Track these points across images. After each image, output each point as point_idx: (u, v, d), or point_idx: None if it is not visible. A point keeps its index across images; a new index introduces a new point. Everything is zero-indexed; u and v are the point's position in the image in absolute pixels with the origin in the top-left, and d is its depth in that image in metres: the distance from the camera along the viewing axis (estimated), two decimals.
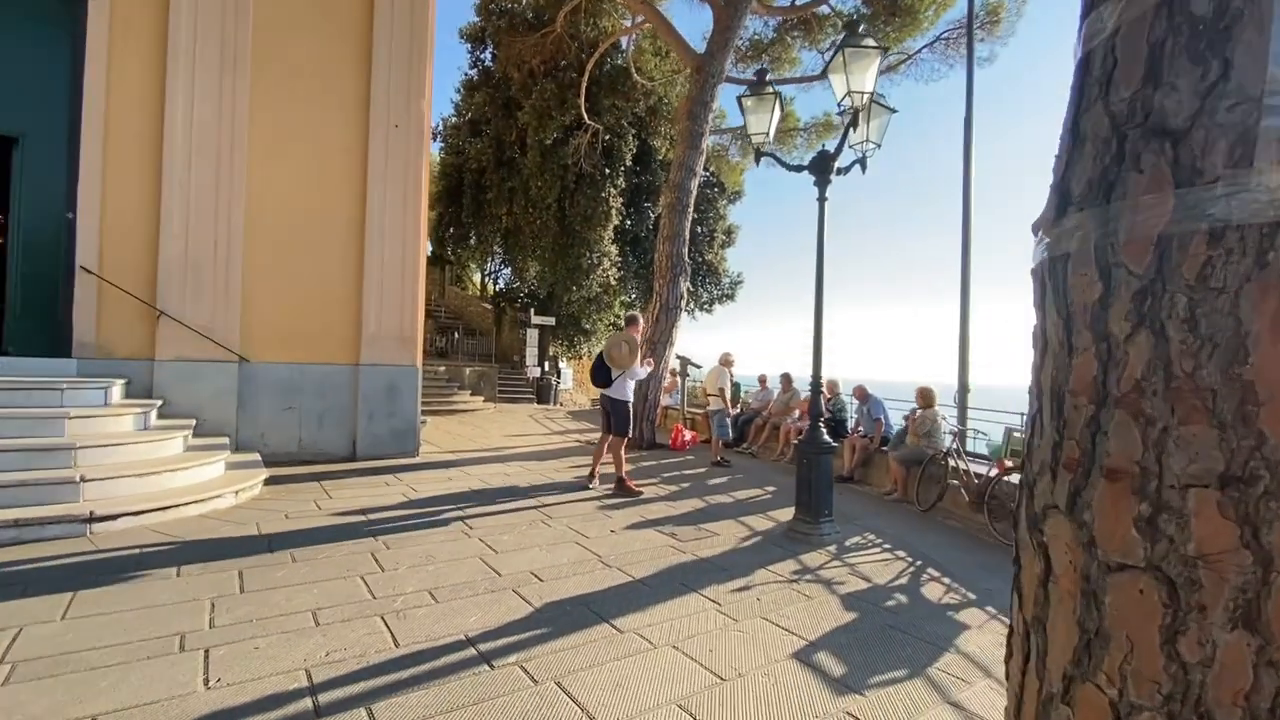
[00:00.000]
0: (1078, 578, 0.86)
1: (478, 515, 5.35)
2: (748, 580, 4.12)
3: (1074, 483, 0.86)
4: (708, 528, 5.34)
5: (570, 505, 5.88)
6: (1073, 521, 0.87)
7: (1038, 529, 0.95)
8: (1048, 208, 0.94)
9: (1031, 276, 1.00)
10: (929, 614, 3.76)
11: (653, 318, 9.92)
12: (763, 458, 9.31)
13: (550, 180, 15.77)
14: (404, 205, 8.10)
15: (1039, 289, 0.96)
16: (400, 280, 8.08)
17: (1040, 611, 0.95)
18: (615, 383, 6.46)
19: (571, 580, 3.93)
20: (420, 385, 8.35)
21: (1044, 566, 0.93)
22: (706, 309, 21.74)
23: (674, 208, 9.93)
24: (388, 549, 4.37)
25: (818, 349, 5.29)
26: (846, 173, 5.50)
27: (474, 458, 8.33)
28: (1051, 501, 0.91)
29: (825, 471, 5.20)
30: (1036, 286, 0.97)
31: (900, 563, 4.71)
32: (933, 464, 6.55)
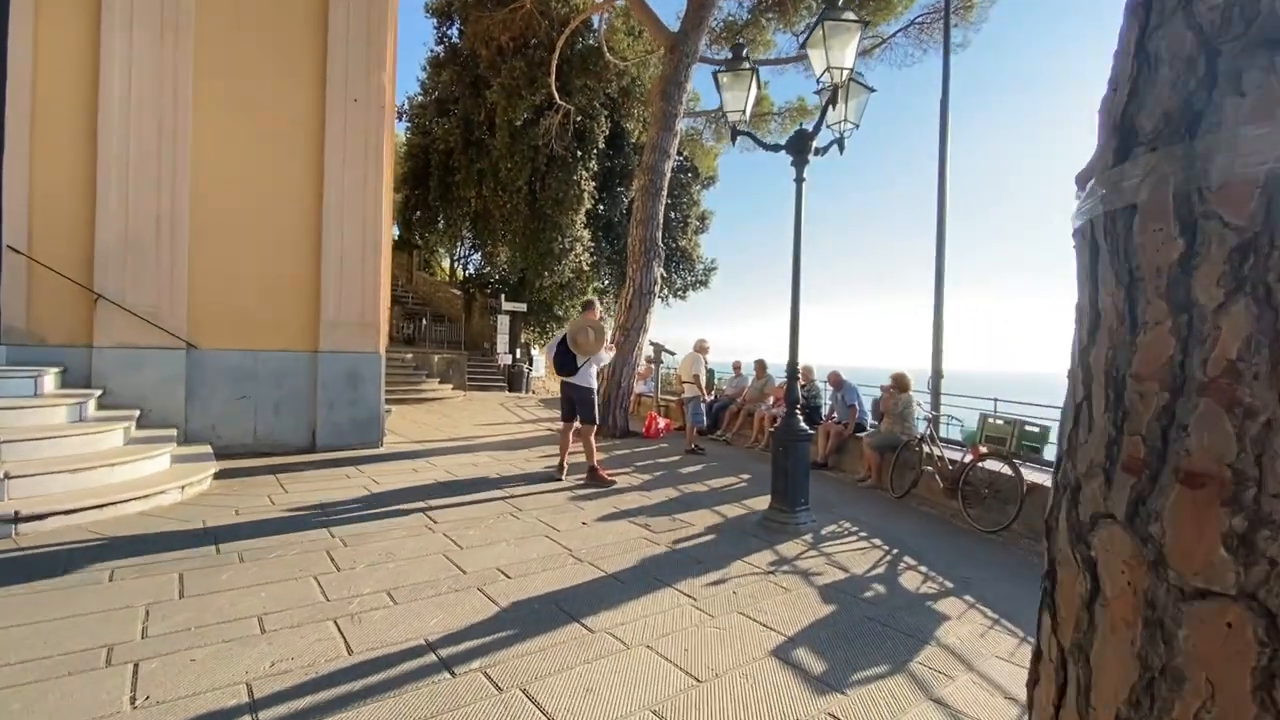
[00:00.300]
0: (1138, 603, 0.71)
1: (443, 508, 5.12)
2: (724, 573, 3.99)
3: (1137, 488, 0.70)
4: (682, 518, 5.20)
5: (541, 496, 5.68)
6: (1133, 535, 0.71)
7: (1082, 541, 0.79)
8: (1101, 152, 0.77)
9: (1075, 239, 0.83)
10: (907, 604, 3.68)
11: (626, 303, 9.72)
12: (737, 445, 9.23)
13: (520, 162, 15.34)
14: (364, 184, 7.72)
15: (1087, 252, 0.80)
16: (361, 263, 7.72)
17: (1083, 638, 0.80)
18: (581, 370, 6.26)
19: (540, 577, 3.74)
20: (384, 373, 8.02)
21: (1090, 586, 0.78)
22: (680, 295, 21.58)
23: (647, 190, 9.70)
24: (345, 546, 4.12)
25: (794, 335, 5.16)
26: (824, 153, 5.35)
27: (441, 448, 8.06)
28: (1104, 509, 0.75)
29: (802, 459, 5.10)
30: (1083, 250, 0.81)
31: (877, 551, 4.64)
32: (907, 450, 6.52)
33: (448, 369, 15.40)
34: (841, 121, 5.34)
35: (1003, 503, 5.24)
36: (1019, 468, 5.14)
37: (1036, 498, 5.01)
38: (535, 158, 15.47)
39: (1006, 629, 3.41)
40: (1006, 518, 5.11)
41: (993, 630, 3.38)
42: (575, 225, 16.22)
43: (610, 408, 9.55)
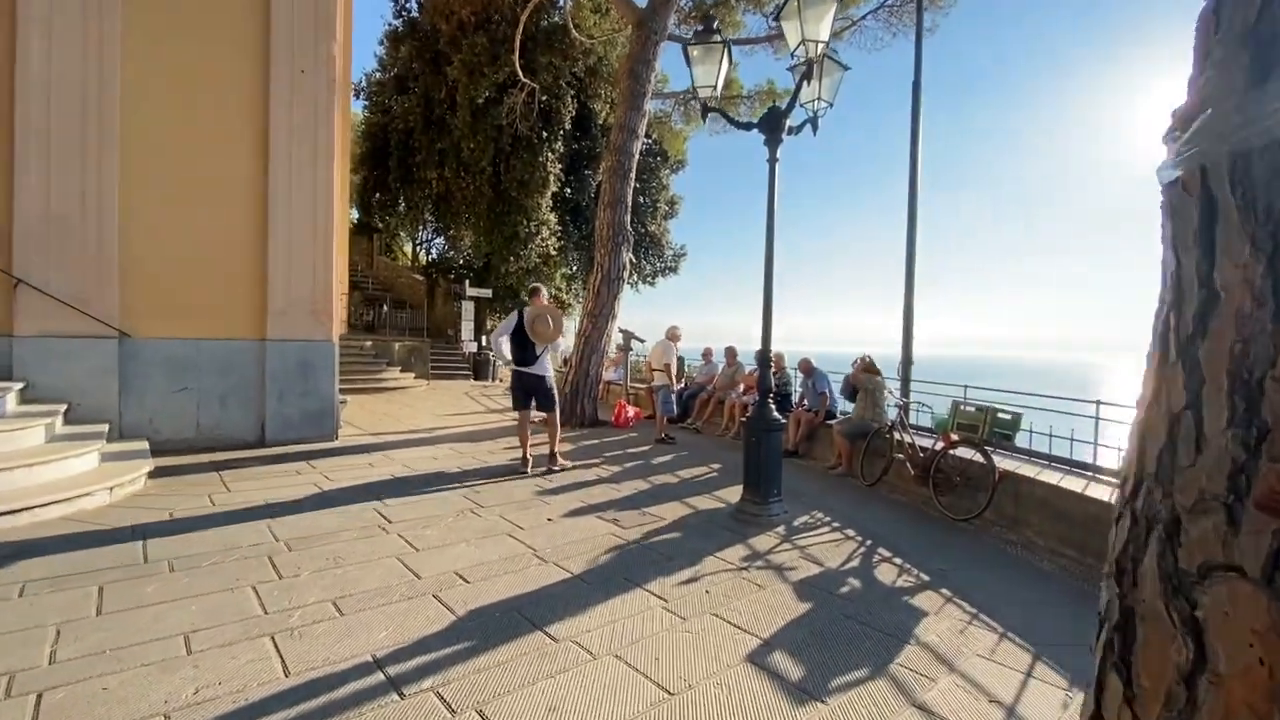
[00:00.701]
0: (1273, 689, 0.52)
1: (399, 506, 4.83)
2: (695, 570, 3.82)
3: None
4: (652, 511, 5.02)
5: (504, 491, 5.43)
6: (1272, 598, 0.52)
7: (1183, 595, 0.60)
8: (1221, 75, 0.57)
9: (1167, 195, 0.63)
10: (884, 600, 3.57)
11: (594, 289, 9.45)
12: (707, 433, 9.10)
13: (483, 142, 14.81)
14: (314, 162, 7.25)
15: (1194, 211, 0.60)
16: (312, 245, 7.27)
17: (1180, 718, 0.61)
18: (540, 359, 6.07)
19: (502, 580, 3.51)
20: (337, 362, 7.62)
21: (1193, 654, 0.59)
22: (649, 282, 21.34)
23: (615, 172, 9.41)
24: (289, 551, 3.82)
25: (767, 321, 4.99)
26: (798, 132, 5.16)
27: (400, 440, 7.71)
28: (1223, 558, 0.56)
29: (774, 450, 4.95)
30: (1185, 208, 0.61)
31: (851, 543, 4.54)
32: (877, 438, 6.45)
33: (410, 357, 14.91)
34: (815, 100, 5.15)
35: (974, 490, 5.20)
36: (991, 455, 5.09)
37: (1008, 485, 4.97)
38: (499, 138, 14.95)
39: (985, 624, 3.32)
40: (978, 505, 5.07)
41: (972, 626, 3.29)
42: (541, 209, 15.78)
43: (578, 396, 9.31)
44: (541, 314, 6.03)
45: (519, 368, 6.14)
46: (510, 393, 6.32)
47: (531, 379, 6.12)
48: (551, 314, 6.09)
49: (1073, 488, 4.57)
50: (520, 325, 6.06)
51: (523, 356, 6.06)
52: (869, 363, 6.91)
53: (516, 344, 6.07)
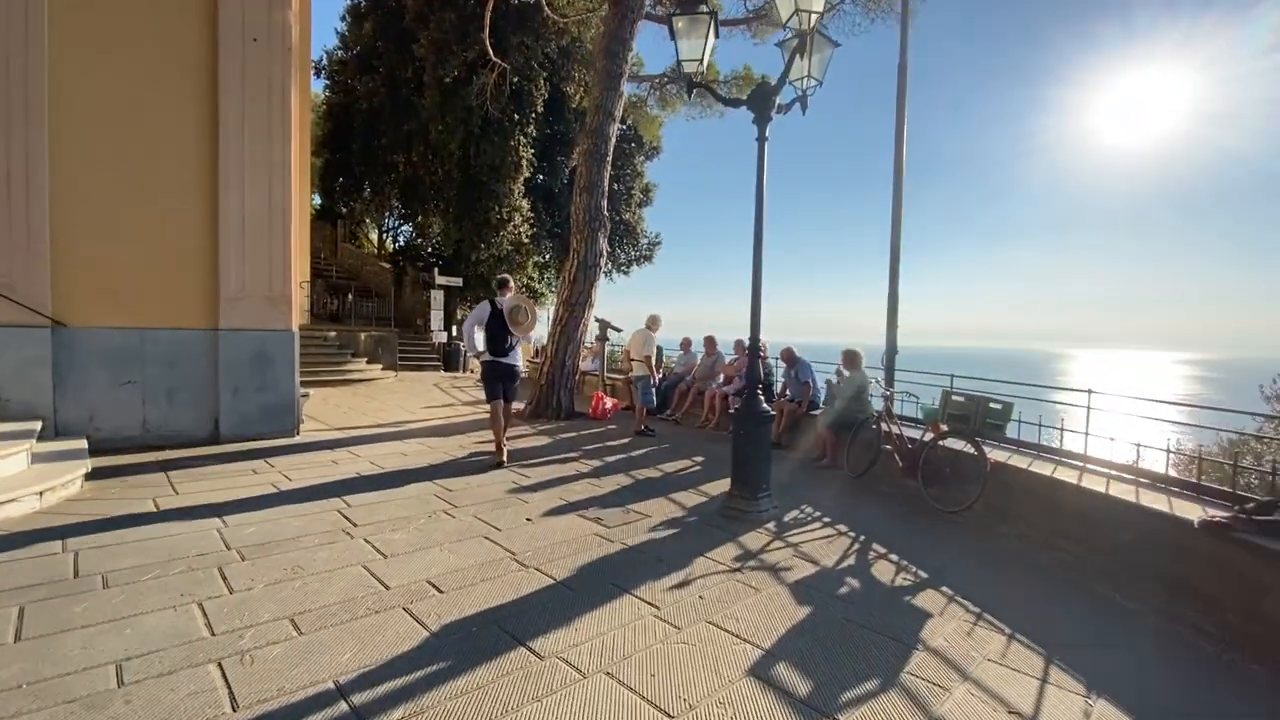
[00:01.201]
0: None
1: (365, 508, 4.50)
2: (687, 573, 3.60)
3: None
4: (637, 509, 4.78)
5: (479, 489, 5.13)
6: None
7: None
8: None
9: None
10: (885, 601, 3.40)
11: (570, 277, 9.13)
12: (687, 425, 8.89)
13: (453, 124, 14.24)
14: (270, 138, 6.76)
15: None
16: (268, 228, 6.80)
17: None
18: (514, 349, 6.11)
19: (479, 589, 3.24)
20: (298, 352, 7.18)
21: None
22: (623, 271, 21.03)
23: (591, 155, 9.07)
24: (242, 560, 3.47)
25: (755, 308, 4.78)
26: (787, 110, 4.93)
27: (366, 435, 7.32)
28: None
29: (764, 443, 4.76)
30: None
31: (844, 539, 4.37)
32: (864, 429, 6.32)
33: (376, 348, 14.36)
34: (805, 78, 4.92)
35: (964, 482, 5.09)
36: (982, 446, 4.98)
37: (999, 476, 4.87)
38: (469, 120, 14.40)
39: (991, 625, 3.18)
40: (968, 497, 4.96)
41: (978, 628, 3.14)
42: (514, 194, 15.30)
43: (554, 388, 9.01)
44: (520, 305, 6.04)
45: (495, 358, 6.04)
46: (483, 383, 6.27)
47: (507, 369, 6.09)
48: (528, 305, 6.12)
49: (1067, 479, 4.48)
50: (495, 315, 5.99)
51: (498, 347, 6.00)
52: (852, 354, 6.78)
53: (491, 334, 6.00)
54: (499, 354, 6.01)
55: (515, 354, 6.12)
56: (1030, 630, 3.12)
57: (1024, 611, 3.36)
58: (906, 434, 5.78)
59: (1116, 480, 4.48)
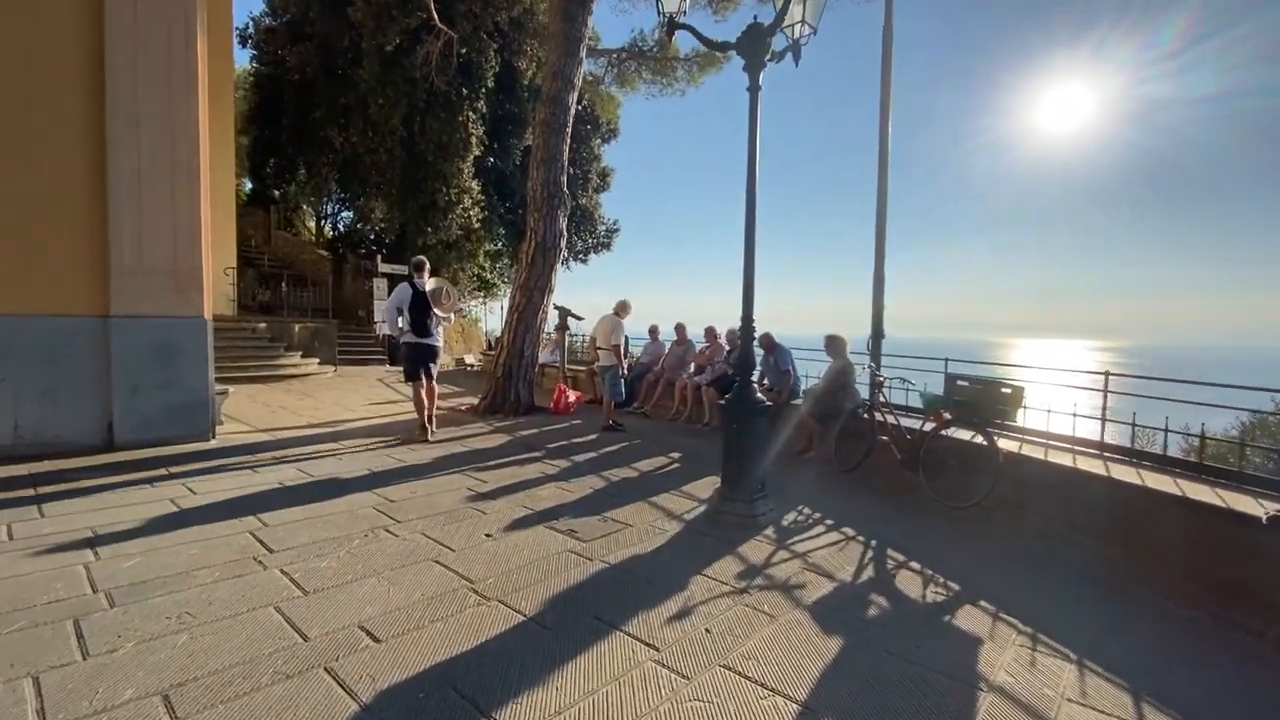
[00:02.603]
0: None
1: (286, 527, 3.69)
2: (685, 597, 2.97)
3: None
4: (615, 516, 4.13)
5: (427, 499, 4.37)
6: None
7: None
8: None
9: None
10: (924, 624, 2.87)
11: (527, 259, 8.35)
12: (657, 418, 8.28)
13: (394, 98, 13.11)
14: (169, 83, 5.75)
15: None
16: (170, 190, 5.79)
17: None
18: (437, 330, 6.37)
19: (427, 635, 2.53)
20: (211, 344, 6.20)
21: None
22: (582, 259, 20.22)
23: (549, 125, 8.30)
24: (110, 607, 2.65)
25: (749, 281, 4.17)
26: (780, 59, 4.33)
27: (297, 437, 6.41)
28: None
29: (759, 439, 4.17)
30: None
31: (854, 545, 3.84)
32: (853, 419, 5.85)
33: (313, 340, 13.18)
34: (800, 23, 4.33)
35: (971, 474, 4.65)
36: (993, 435, 4.54)
37: (1012, 469, 4.43)
38: (412, 93, 13.29)
39: (1051, 649, 2.67)
40: (975, 490, 4.51)
41: (1038, 654, 2.63)
42: (463, 175, 14.27)
43: (511, 381, 8.24)
44: (442, 285, 6.34)
45: (417, 339, 6.24)
46: (405, 365, 6.51)
47: (428, 349, 6.30)
48: (448, 287, 6.42)
49: (1092, 469, 4.07)
50: (417, 297, 6.17)
51: (421, 328, 6.20)
52: (835, 340, 6.29)
53: (414, 316, 6.16)
54: (422, 335, 6.20)
55: (438, 334, 6.36)
56: (1096, 654, 2.63)
57: (1076, 626, 2.89)
58: (903, 424, 5.32)
59: (1148, 470, 4.09)
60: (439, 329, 6.39)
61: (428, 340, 6.25)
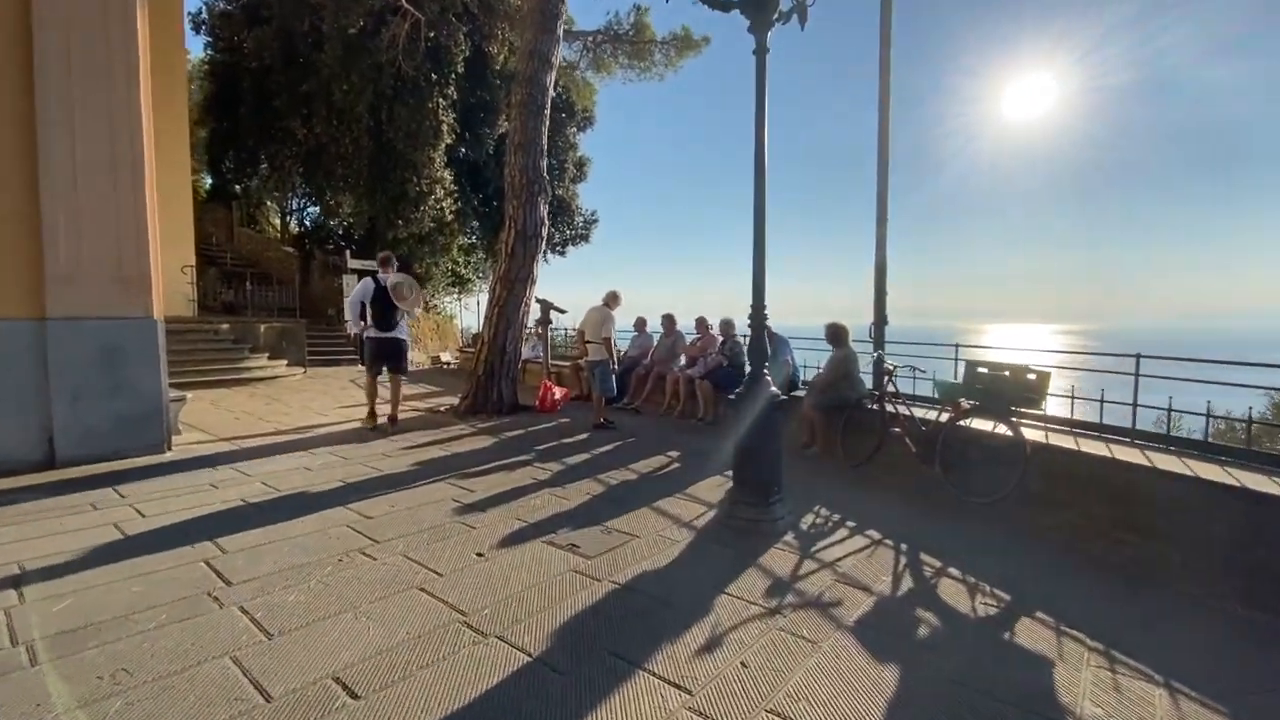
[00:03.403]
0: None
1: (247, 554, 3.25)
2: (711, 624, 2.61)
3: None
4: (619, 526, 3.75)
5: (409, 513, 3.95)
6: None
7: None
8: None
9: None
10: (983, 644, 2.55)
11: (507, 249, 7.89)
12: (649, 414, 7.91)
13: (359, 84, 12.45)
14: (109, 67, 5.20)
15: None
16: (113, 187, 5.24)
17: None
18: (400, 324, 6.33)
19: (416, 684, 2.13)
20: (163, 346, 5.65)
21: None
22: (560, 251, 19.71)
23: (526, 107, 7.82)
24: (33, 666, 2.20)
25: (759, 259, 3.81)
26: (786, 20, 3.96)
27: (262, 446, 5.90)
28: None
29: (776, 434, 3.83)
30: None
31: (884, 550, 3.52)
32: (859, 410, 5.54)
33: (280, 341, 12.53)
34: None
35: (994, 466, 4.36)
36: (1019, 425, 4.26)
37: (1040, 460, 4.15)
38: (378, 79, 12.64)
39: (1131, 669, 2.38)
40: (1000, 484, 4.23)
41: (1119, 676, 2.33)
42: (434, 164, 13.66)
43: (494, 379, 7.79)
44: (404, 279, 6.24)
45: (380, 333, 6.23)
46: (366, 359, 6.50)
47: (390, 344, 6.31)
48: (410, 281, 6.32)
49: (1131, 459, 3.80)
50: (380, 291, 6.13)
51: (384, 322, 6.18)
52: (836, 329, 5.97)
53: (377, 310, 6.13)
54: (385, 329, 6.20)
55: (401, 328, 6.34)
56: (1183, 674, 2.34)
57: (1146, 640, 2.60)
58: (916, 414, 5.03)
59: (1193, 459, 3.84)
60: (403, 323, 6.39)
61: (390, 334, 6.26)
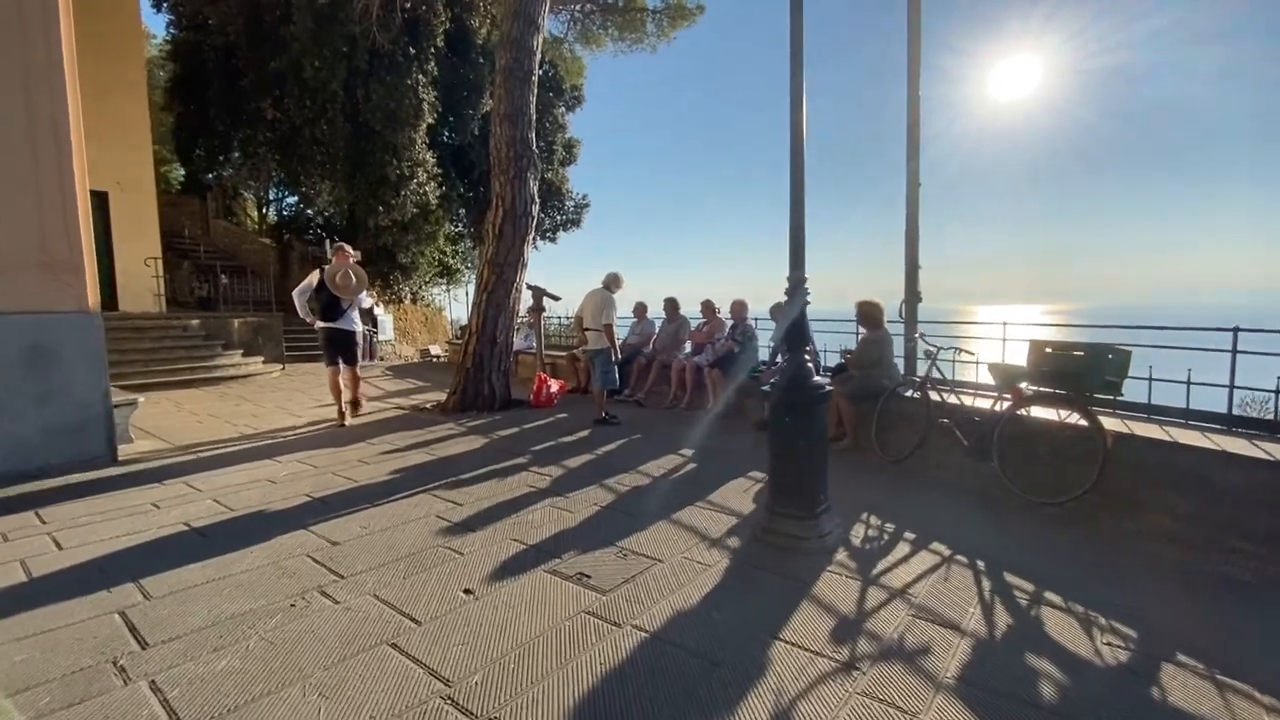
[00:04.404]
0: None
1: (175, 597, 2.59)
2: (774, 690, 1.99)
3: None
4: (635, 547, 3.13)
5: (383, 536, 3.30)
6: None
7: None
8: None
9: None
10: (1133, 706, 1.94)
11: (495, 230, 7.19)
12: (653, 406, 7.28)
13: (332, 59, 11.59)
14: (21, 17, 4.45)
15: None
16: (33, 158, 4.54)
17: None
18: (346, 314, 6.27)
19: None
20: (102, 342, 4.96)
21: None
22: (550, 237, 18.94)
23: (512, 73, 7.10)
24: None
25: (798, 212, 3.16)
26: None
27: (223, 454, 5.22)
28: None
29: (820, 435, 3.20)
30: None
31: (960, 570, 2.91)
32: (895, 399, 4.94)
33: (255, 337, 11.78)
34: None
35: (1064, 462, 3.77)
36: (1096, 414, 3.66)
37: (1122, 454, 3.56)
38: (352, 53, 11.78)
39: None
40: (1074, 483, 3.64)
41: None
42: (415, 146, 12.84)
43: (483, 372, 7.12)
44: (341, 268, 6.15)
45: (325, 324, 6.22)
46: (322, 350, 6.46)
47: (338, 334, 6.26)
48: (353, 269, 6.24)
49: (1247, 453, 3.21)
50: (322, 282, 6.12)
51: (329, 313, 6.17)
52: (869, 307, 5.35)
53: (323, 300, 6.14)
54: (330, 319, 6.16)
55: (347, 318, 6.29)
56: None
57: None
58: (965, 402, 4.43)
59: None
60: (352, 313, 6.33)
61: (337, 325, 6.22)
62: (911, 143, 5.50)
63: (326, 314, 6.16)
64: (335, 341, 6.26)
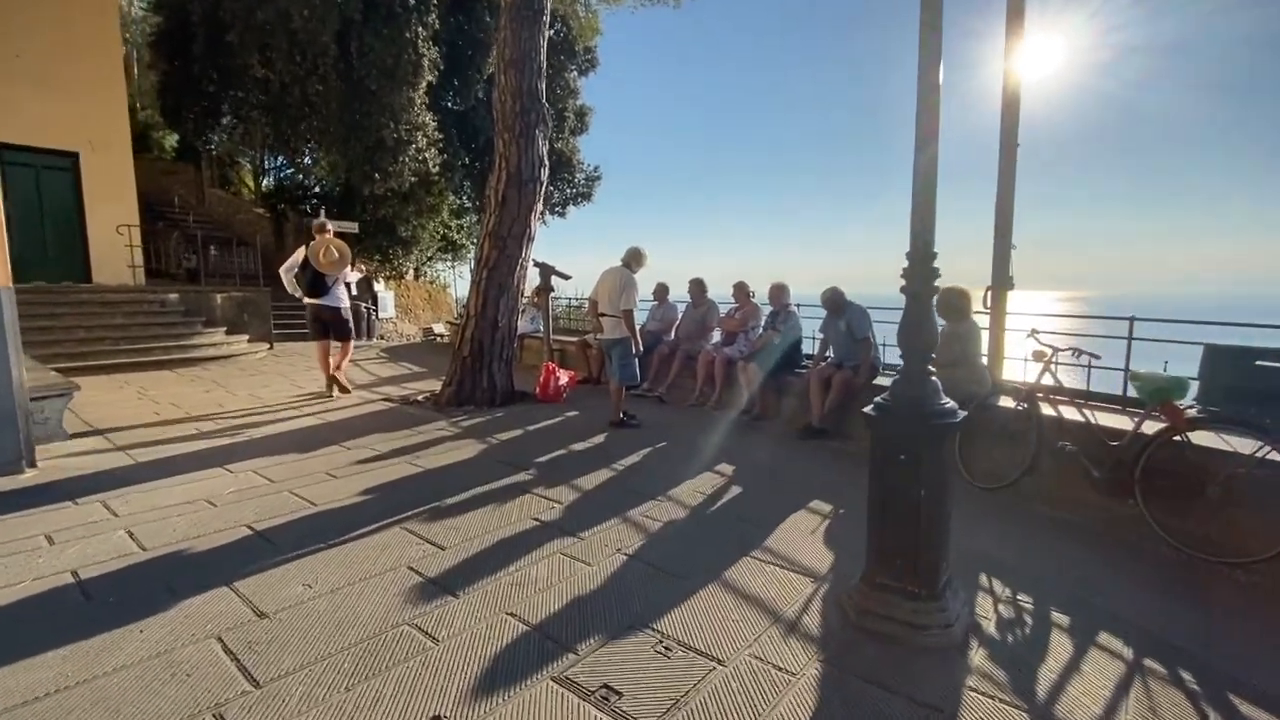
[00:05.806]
0: None
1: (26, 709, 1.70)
2: None
3: None
4: (681, 635, 2.21)
5: (332, 598, 2.40)
6: None
7: None
8: None
9: None
10: None
11: (497, 195, 6.20)
12: (677, 404, 6.36)
13: (322, 9, 10.48)
14: None
15: None
16: None
17: None
18: (332, 290, 6.31)
19: None
20: (15, 325, 4.05)
21: None
22: (559, 212, 17.88)
23: (518, 11, 6.04)
24: None
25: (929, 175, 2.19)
26: None
27: (168, 457, 4.33)
28: None
29: (947, 479, 2.25)
30: None
31: (1163, 687, 1.98)
32: (984, 411, 3.99)
33: (240, 313, 10.88)
34: None
35: (1242, 507, 2.83)
36: None
37: None
38: (345, 3, 10.70)
39: None
40: (1264, 540, 2.70)
41: None
42: (414, 107, 11.77)
43: (483, 360, 6.19)
44: (324, 244, 6.14)
45: (312, 300, 6.25)
46: (309, 325, 6.57)
47: (325, 310, 6.32)
48: (336, 245, 6.23)
49: None
50: (306, 258, 6.10)
51: (315, 289, 6.18)
52: (953, 295, 4.35)
53: (308, 277, 6.14)
54: (316, 296, 6.20)
55: (334, 295, 6.32)
56: None
57: None
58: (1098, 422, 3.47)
59: None
60: (337, 289, 6.35)
61: (323, 300, 6.27)
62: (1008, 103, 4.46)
63: (312, 290, 6.21)
64: (323, 317, 6.38)
